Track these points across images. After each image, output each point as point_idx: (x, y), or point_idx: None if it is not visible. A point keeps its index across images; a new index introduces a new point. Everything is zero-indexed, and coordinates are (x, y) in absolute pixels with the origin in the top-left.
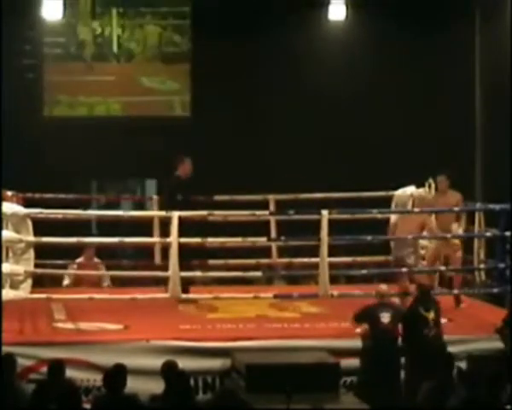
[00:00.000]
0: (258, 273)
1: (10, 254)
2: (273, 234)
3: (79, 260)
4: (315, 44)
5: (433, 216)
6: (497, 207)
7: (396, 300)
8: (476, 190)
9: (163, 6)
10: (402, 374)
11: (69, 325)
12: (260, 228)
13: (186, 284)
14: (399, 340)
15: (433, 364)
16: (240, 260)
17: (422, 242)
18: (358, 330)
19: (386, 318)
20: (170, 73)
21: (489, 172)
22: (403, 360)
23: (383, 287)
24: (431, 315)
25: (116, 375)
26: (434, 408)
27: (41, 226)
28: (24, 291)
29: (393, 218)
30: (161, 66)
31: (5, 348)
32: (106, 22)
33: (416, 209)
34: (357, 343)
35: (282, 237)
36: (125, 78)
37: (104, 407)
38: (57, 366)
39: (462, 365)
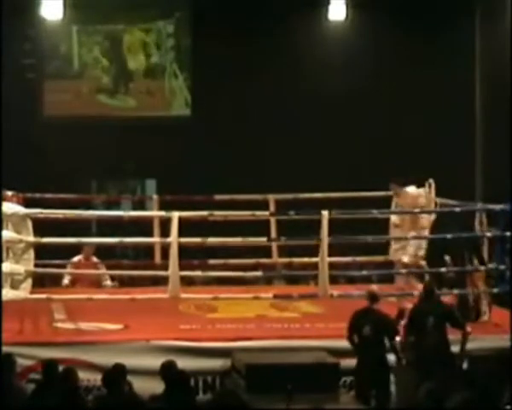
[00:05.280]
0: (259, 273)
1: (10, 254)
2: (273, 234)
3: (77, 258)
4: (315, 44)
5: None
6: (497, 207)
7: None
8: (476, 190)
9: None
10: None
11: (69, 325)
12: (260, 228)
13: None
14: (382, 350)
15: (429, 366)
16: (240, 260)
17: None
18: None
19: (367, 331)
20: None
21: (489, 172)
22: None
23: (374, 287)
24: (430, 318)
25: (116, 375)
26: (434, 408)
27: (41, 226)
28: (24, 291)
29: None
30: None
31: (5, 348)
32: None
33: (416, 210)
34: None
35: (283, 238)
36: None
37: (104, 407)
38: (51, 366)
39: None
